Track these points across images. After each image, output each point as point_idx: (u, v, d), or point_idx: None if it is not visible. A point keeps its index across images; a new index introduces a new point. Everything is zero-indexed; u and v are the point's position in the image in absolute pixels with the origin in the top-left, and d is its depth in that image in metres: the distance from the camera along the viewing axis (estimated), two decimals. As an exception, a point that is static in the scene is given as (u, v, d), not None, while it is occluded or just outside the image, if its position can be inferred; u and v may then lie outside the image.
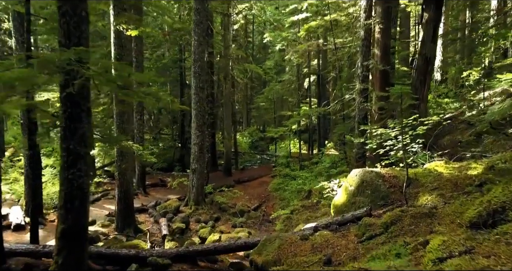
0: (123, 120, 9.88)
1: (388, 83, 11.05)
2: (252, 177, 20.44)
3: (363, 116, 11.45)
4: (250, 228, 12.63)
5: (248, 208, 14.46)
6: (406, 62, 18.34)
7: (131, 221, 10.44)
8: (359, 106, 11.32)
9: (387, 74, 10.94)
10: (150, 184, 17.49)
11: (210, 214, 13.36)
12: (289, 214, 12.65)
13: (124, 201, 10.21)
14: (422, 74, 10.51)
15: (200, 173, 13.53)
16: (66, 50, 4.57)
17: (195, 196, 13.53)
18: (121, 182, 10.13)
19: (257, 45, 41.04)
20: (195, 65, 13.03)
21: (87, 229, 5.30)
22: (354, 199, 6.95)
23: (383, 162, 8.05)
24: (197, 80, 13.05)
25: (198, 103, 13.15)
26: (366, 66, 11.32)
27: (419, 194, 6.11)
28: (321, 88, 25.00)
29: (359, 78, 11.52)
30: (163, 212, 12.74)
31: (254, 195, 17.24)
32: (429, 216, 4.85)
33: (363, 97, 11.33)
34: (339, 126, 17.08)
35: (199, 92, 13.10)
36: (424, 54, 10.45)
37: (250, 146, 32.95)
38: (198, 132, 13.27)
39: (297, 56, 23.37)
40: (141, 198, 15.21)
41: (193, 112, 13.33)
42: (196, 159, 13.41)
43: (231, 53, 24.83)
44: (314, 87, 33.38)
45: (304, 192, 15.02)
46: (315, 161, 19.06)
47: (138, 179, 15.73)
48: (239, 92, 36.60)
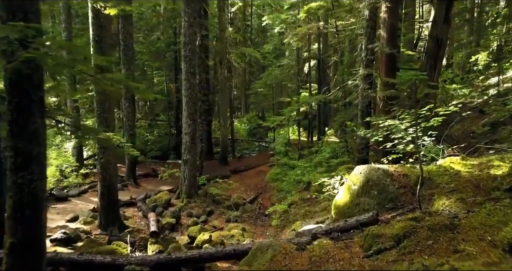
0: (104, 109, 9.01)
1: (395, 68, 10.13)
2: (249, 166, 19.64)
3: (366, 104, 10.57)
4: (245, 222, 11.89)
5: (243, 200, 13.69)
6: (411, 46, 17.34)
7: (115, 218, 9.67)
8: (363, 94, 10.42)
9: (394, 58, 10.01)
10: (141, 174, 16.70)
11: (203, 208, 12.60)
12: (287, 208, 11.90)
13: (107, 196, 9.42)
14: (432, 58, 9.59)
15: (192, 164, 12.72)
16: (4, 26, 3.67)
17: (187, 188, 12.75)
18: (103, 176, 9.32)
19: (255, 29, 39.79)
20: (185, 49, 12.08)
21: (44, 242, 4.49)
22: (358, 200, 6.13)
23: (390, 156, 7.20)
24: (188, 65, 12.12)
25: (189, 90, 12.25)
26: (371, 50, 10.39)
27: (434, 197, 5.29)
28: (322, 73, 24.02)
29: (363, 63, 10.60)
30: (153, 206, 11.98)
31: (250, 185, 16.47)
32: (450, 229, 4.03)
33: (367, 84, 10.43)
34: (340, 114, 16.20)
35: (190, 78, 12.19)
36: (435, 36, 9.51)
37: (248, 133, 32.09)
38: (190, 121, 12.40)
39: (297, 40, 22.31)
40: (131, 190, 14.44)
41: (183, 100, 12.45)
42: (187, 149, 12.59)
43: (227, 37, 23.78)
44: (314, 72, 32.30)
45: (303, 183, 14.24)
46: (315, 149, 18.23)
47: (128, 170, 14.95)
48: (237, 77, 35.57)
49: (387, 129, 6.87)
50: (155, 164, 20.11)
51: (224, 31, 19.82)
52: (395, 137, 6.71)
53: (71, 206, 11.94)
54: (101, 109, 8.99)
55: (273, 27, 26.17)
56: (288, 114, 11.90)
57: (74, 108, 13.92)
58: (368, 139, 10.92)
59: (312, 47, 26.99)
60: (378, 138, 7.33)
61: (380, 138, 7.32)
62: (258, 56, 24.59)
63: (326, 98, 10.96)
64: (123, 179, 15.08)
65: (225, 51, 20.33)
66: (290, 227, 10.35)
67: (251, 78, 37.63)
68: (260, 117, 35.97)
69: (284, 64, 26.71)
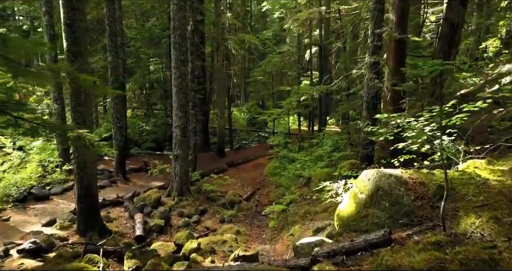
0: (79, 102, 8.04)
1: (404, 55, 9.13)
2: (247, 159, 18.76)
3: (373, 95, 9.59)
4: (240, 223, 11.04)
5: (239, 197, 12.81)
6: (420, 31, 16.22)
7: (95, 222, 8.79)
8: (369, 84, 9.43)
9: (403, 45, 9.00)
10: (132, 169, 15.79)
11: (195, 206, 11.74)
12: (286, 206, 11.03)
13: (85, 199, 8.53)
14: (447, 44, 8.57)
15: (184, 160, 11.81)
16: None
17: (178, 186, 11.87)
18: (80, 177, 8.41)
19: (255, 15, 38.55)
20: (175, 34, 11.05)
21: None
22: (366, 211, 5.22)
23: (401, 157, 6.26)
24: (178, 52, 11.11)
25: (179, 79, 11.26)
26: (378, 35, 9.36)
27: (459, 213, 4.36)
28: (323, 61, 22.91)
29: (369, 50, 9.58)
30: (141, 205, 11.11)
31: (247, 180, 15.60)
32: (490, 265, 3.12)
33: (373, 73, 9.43)
34: (343, 105, 15.22)
35: (180, 66, 11.19)
36: (451, 20, 8.47)
37: (247, 123, 31.11)
38: (180, 113, 11.45)
39: (297, 26, 21.24)
40: (120, 186, 13.56)
41: (173, 90, 11.47)
42: (178, 144, 11.66)
43: (224, 22, 22.65)
44: (315, 60, 31.21)
45: (302, 178, 13.35)
46: (316, 141, 17.28)
47: (116, 164, 14.04)
48: (236, 64, 34.46)
49: (398, 126, 5.95)
50: (148, 156, 19.20)
51: (220, 16, 18.72)
52: (407, 135, 5.79)
53: (52, 206, 11.07)
54: (75, 102, 8.02)
55: (273, 12, 24.93)
56: (286, 107, 10.94)
57: (56, 99, 12.91)
58: (376, 135, 10.00)
59: (314, 34, 25.86)
60: (387, 135, 6.41)
61: (390, 136, 6.39)
62: (257, 42, 23.47)
63: (329, 89, 9.96)
64: (112, 174, 14.19)
65: (222, 37, 19.23)
66: (288, 229, 9.48)
67: (251, 66, 36.48)
68: (260, 106, 34.94)
69: (284, 51, 25.64)
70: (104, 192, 12.76)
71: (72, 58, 7.86)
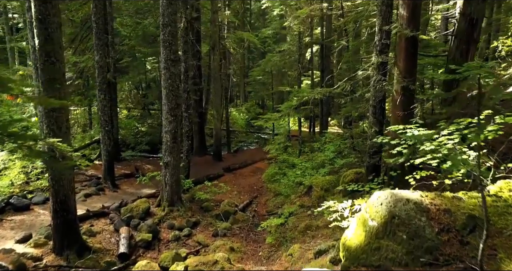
0: (53, 106, 7.17)
1: (415, 55, 8.24)
2: (244, 163, 17.91)
3: (380, 99, 8.70)
4: (235, 237, 10.19)
5: (235, 207, 11.97)
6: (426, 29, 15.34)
7: (73, 239, 7.93)
8: (376, 86, 8.55)
9: (415, 43, 8.10)
10: (123, 175, 14.92)
11: (187, 217, 10.88)
12: (285, 219, 10.17)
13: (61, 214, 7.67)
14: (464, 42, 7.69)
15: (175, 167, 10.95)
16: None
17: (169, 195, 11.01)
18: (55, 190, 7.55)
19: (255, 13, 37.72)
20: (164, 31, 10.18)
21: None
22: (378, 243, 4.35)
23: (417, 174, 5.39)
24: (168, 50, 10.24)
25: (169, 81, 10.40)
26: (386, 32, 8.49)
27: (499, 253, 3.49)
28: (325, 60, 22.03)
29: (376, 49, 8.70)
30: (127, 217, 10.25)
31: (245, 187, 14.74)
32: None
33: (381, 74, 8.55)
34: (346, 107, 14.33)
35: (170, 67, 10.32)
36: (469, 15, 7.59)
37: (247, 123, 30.23)
38: (170, 117, 10.58)
39: (298, 23, 20.36)
40: (108, 195, 12.69)
41: (163, 92, 10.61)
42: (169, 150, 10.80)
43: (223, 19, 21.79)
44: (316, 58, 30.28)
45: (303, 186, 12.50)
46: (317, 146, 16.39)
47: (105, 170, 13.17)
48: (235, 64, 33.60)
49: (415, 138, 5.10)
50: (141, 160, 18.36)
51: (217, 13, 17.84)
52: (425, 148, 4.94)
53: (31, 218, 10.21)
54: (49, 107, 7.17)
55: (272, 10, 24.03)
56: (285, 111, 10.07)
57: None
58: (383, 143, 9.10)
59: (315, 32, 24.98)
60: (402, 150, 5.54)
61: (404, 150, 5.53)
62: (256, 41, 22.64)
63: (332, 92, 9.08)
64: (100, 181, 13.32)
65: (219, 35, 18.36)
66: (287, 247, 8.61)
67: (251, 65, 35.59)
68: (260, 106, 34.03)
69: (284, 50, 24.76)
70: (90, 201, 11.92)
71: (45, 58, 7.00)
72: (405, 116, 8.17)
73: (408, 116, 8.23)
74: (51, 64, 6.98)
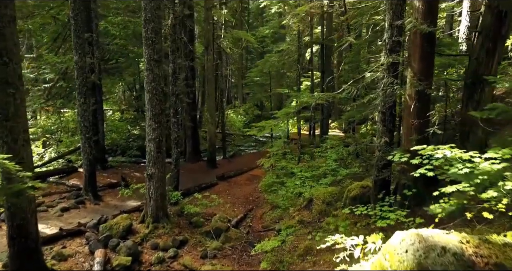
0: (6, 115, 6.06)
1: (432, 54, 7.16)
2: (240, 170, 16.78)
3: (391, 104, 7.60)
4: (226, 259, 9.07)
5: (227, 222, 10.84)
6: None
7: (35, 268, 6.81)
8: (386, 90, 7.44)
9: (432, 40, 7.03)
10: (107, 185, 13.77)
11: (173, 235, 9.75)
12: (281, 241, 9.05)
13: (19, 240, 6.54)
14: (490, 39, 6.59)
15: (160, 180, 9.83)
16: None
17: (154, 211, 9.89)
18: (11, 213, 6.42)
19: (254, 12, 36.68)
20: (146, 28, 9.07)
21: None
22: (403, 305, 3.23)
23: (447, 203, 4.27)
24: (151, 50, 9.13)
25: (152, 83, 9.28)
26: (398, 28, 7.38)
27: None
28: (325, 60, 20.95)
29: (386, 47, 7.58)
30: (105, 237, 9.12)
31: (239, 197, 13.61)
32: None
33: (392, 76, 7.43)
34: (348, 111, 13.19)
35: (153, 67, 9.20)
36: (496, 7, 6.48)
37: (244, 126, 29.08)
38: (154, 124, 9.47)
39: (297, 21, 19.34)
40: (88, 208, 11.55)
41: (146, 96, 9.49)
42: (153, 161, 9.68)
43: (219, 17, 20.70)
44: (316, 59, 29.18)
45: (303, 199, 11.38)
46: (317, 151, 15.28)
47: (85, 180, 12.04)
48: (233, 64, 32.55)
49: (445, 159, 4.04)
50: (130, 167, 17.23)
51: (211, 11, 16.73)
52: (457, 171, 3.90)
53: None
54: (2, 116, 6.05)
55: (270, 7, 22.92)
56: (282, 118, 8.97)
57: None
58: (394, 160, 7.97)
59: (315, 31, 23.93)
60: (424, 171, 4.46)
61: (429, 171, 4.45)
62: (253, 40, 21.52)
63: (336, 97, 7.97)
64: (81, 193, 12.18)
65: (213, 34, 17.26)
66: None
67: (250, 65, 34.51)
68: (258, 107, 32.90)
69: (283, 49, 23.70)
70: (67, 215, 10.79)
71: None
72: (420, 125, 7.09)
73: (424, 125, 7.15)
74: (2, 65, 5.87)
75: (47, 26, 17.46)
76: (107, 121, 25.07)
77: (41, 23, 16.35)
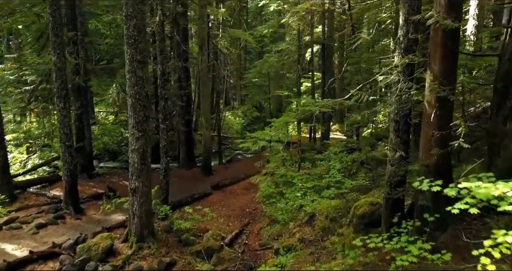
0: None
1: (457, 53, 6.12)
2: (237, 178, 15.75)
3: (406, 112, 6.57)
4: (218, 285, 8.04)
5: (221, 240, 9.80)
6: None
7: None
8: (401, 95, 6.41)
9: (456, 38, 5.99)
10: (92, 195, 12.70)
11: (160, 256, 8.73)
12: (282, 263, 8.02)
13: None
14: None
15: (144, 195, 8.80)
16: None
17: (138, 229, 8.87)
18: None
19: (252, 11, 35.68)
20: (128, 25, 8.03)
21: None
22: None
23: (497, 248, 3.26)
24: (133, 49, 8.10)
25: (135, 87, 8.25)
26: (415, 24, 6.37)
27: None
28: (327, 61, 19.96)
29: (400, 46, 6.56)
30: (81, 261, 8.09)
31: (235, 209, 12.59)
32: None
33: (407, 79, 6.40)
34: (352, 116, 12.19)
35: (136, 69, 8.18)
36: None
37: (243, 128, 28.02)
38: (138, 132, 8.44)
39: (297, 20, 18.33)
40: (68, 223, 10.50)
41: (128, 101, 8.46)
42: (136, 174, 8.65)
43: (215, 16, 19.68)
44: (317, 59, 28.20)
45: (304, 213, 10.36)
46: (319, 158, 14.22)
47: (65, 193, 10.99)
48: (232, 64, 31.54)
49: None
50: (120, 175, 16.18)
51: (205, 8, 15.72)
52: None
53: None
54: None
55: (269, 5, 21.89)
56: (281, 126, 7.94)
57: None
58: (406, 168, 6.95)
59: (315, 30, 22.95)
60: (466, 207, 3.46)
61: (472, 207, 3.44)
62: (251, 40, 20.50)
63: (344, 104, 6.95)
64: (60, 206, 11.12)
65: (208, 33, 16.24)
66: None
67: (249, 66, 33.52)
68: (257, 109, 31.85)
69: (282, 49, 22.72)
70: (43, 233, 9.75)
71: None
72: (442, 138, 6.04)
73: (446, 137, 6.10)
74: None
75: (34, 25, 16.47)
76: (99, 124, 24.08)
77: (25, 21, 15.35)
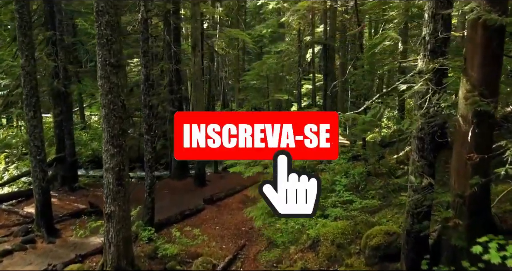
0: None
1: (501, 56, 4.91)
2: (233, 190, 14.48)
3: (435, 129, 5.33)
4: None
5: (212, 269, 8.56)
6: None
7: None
8: (429, 108, 5.17)
9: (501, 37, 4.78)
10: (70, 213, 11.37)
11: (140, 291, 7.51)
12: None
13: None
14: None
15: (122, 220, 7.55)
16: None
17: (115, 259, 7.61)
18: None
19: (251, 11, 34.48)
20: (99, 22, 6.80)
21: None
22: None
23: None
24: (105, 51, 6.86)
25: (109, 96, 7.02)
26: (444, 19, 5.16)
27: None
28: (329, 62, 18.80)
29: (426, 47, 5.32)
30: (45, 300, 6.87)
31: (230, 228, 11.36)
32: None
33: (437, 88, 5.16)
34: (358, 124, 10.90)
35: (110, 75, 6.94)
36: None
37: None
38: (113, 148, 7.20)
39: (297, 19, 17.24)
40: (39, 249, 9.20)
41: (102, 112, 7.23)
42: (112, 196, 7.40)
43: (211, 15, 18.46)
44: (317, 60, 27.12)
45: (307, 236, 9.11)
46: (322, 168, 12.98)
47: (37, 213, 9.72)
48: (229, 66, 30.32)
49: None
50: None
51: (198, 6, 14.48)
52: None
53: None
54: None
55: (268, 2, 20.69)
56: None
57: None
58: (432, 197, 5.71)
59: (317, 30, 21.78)
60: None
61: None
62: (249, 40, 19.29)
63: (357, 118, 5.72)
64: (32, 227, 9.83)
65: (201, 33, 15.02)
66: None
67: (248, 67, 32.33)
68: (256, 111, 30.75)
69: (282, 50, 21.54)
70: (7, 262, 8.47)
71: None
72: (482, 163, 4.81)
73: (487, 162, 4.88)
74: None
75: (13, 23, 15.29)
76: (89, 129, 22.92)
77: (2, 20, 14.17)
